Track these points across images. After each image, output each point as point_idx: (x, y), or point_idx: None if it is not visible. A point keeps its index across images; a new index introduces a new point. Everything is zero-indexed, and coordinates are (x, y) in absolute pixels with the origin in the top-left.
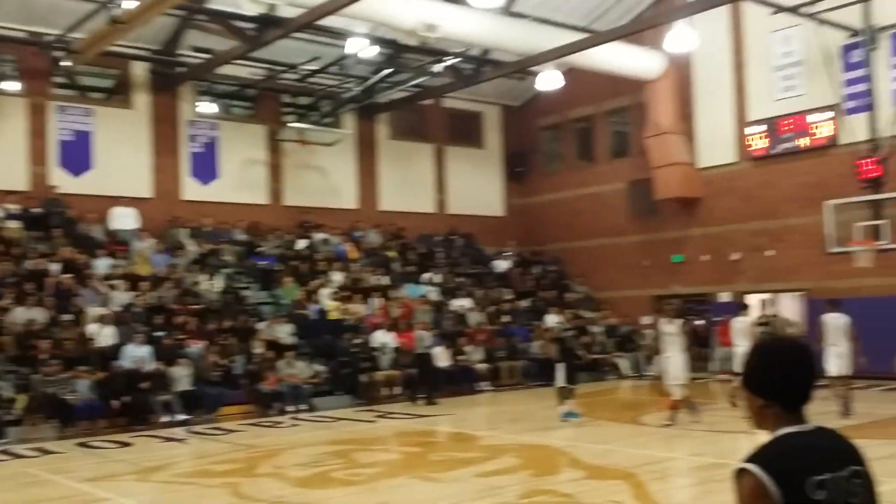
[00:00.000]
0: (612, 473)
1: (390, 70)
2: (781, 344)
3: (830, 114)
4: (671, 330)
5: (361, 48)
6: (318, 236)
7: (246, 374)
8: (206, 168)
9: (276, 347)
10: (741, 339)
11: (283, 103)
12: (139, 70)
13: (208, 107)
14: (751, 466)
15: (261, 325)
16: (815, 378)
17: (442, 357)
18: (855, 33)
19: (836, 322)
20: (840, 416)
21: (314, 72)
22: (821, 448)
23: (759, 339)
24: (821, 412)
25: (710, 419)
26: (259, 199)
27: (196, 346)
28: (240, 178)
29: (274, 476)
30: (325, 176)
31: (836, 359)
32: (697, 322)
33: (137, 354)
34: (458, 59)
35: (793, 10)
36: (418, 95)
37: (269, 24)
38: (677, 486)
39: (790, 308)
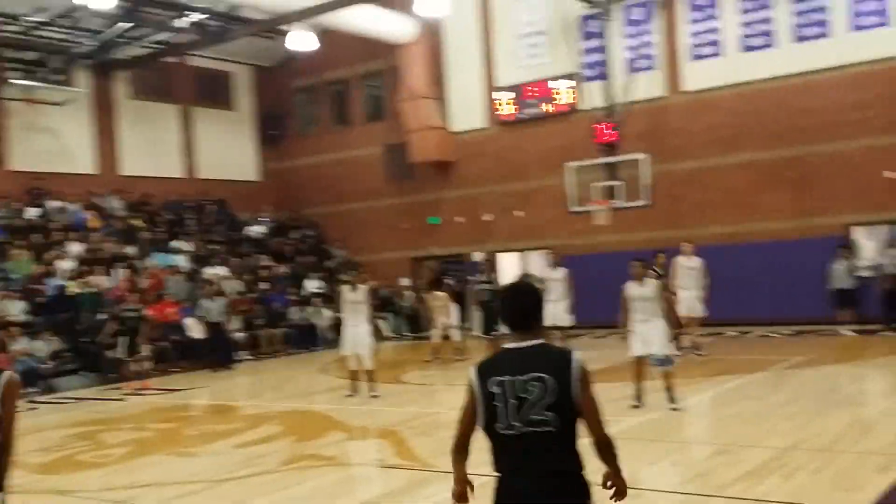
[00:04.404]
0: (375, 433)
1: (129, 24)
2: (507, 287)
3: (571, 81)
4: (356, 298)
5: None
6: (53, 204)
7: None
8: None
9: (8, 327)
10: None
11: (4, 58)
12: None
13: None
14: (470, 369)
15: None
16: (527, 312)
17: (195, 328)
18: (592, 4)
19: (555, 276)
20: None
21: (41, 24)
22: (512, 359)
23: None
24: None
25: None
26: None
27: None
28: None
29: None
30: (58, 138)
31: (552, 310)
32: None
33: None
34: (205, 15)
35: None
36: (161, 52)
37: None
38: (438, 439)
39: (538, 265)
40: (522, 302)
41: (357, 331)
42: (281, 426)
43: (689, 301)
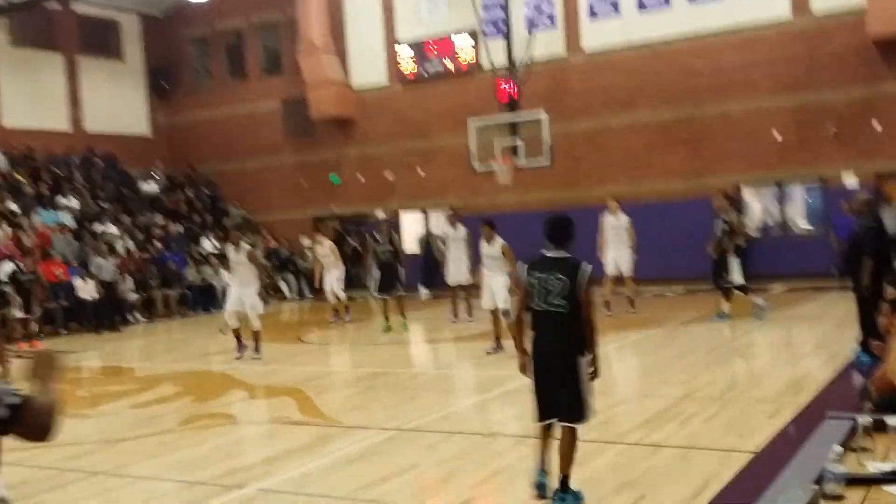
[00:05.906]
0: (278, 391)
1: None
2: (549, 217)
3: (472, 38)
4: (239, 258)
5: None
6: None
7: None
8: None
9: None
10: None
11: None
12: None
13: None
14: (521, 266)
15: None
16: (559, 229)
17: (85, 288)
18: None
19: (455, 235)
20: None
21: None
22: (543, 262)
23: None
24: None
25: (367, 333)
26: None
27: None
28: None
29: None
30: None
31: (454, 269)
32: (356, 241)
33: None
34: None
35: None
36: None
37: None
38: (342, 396)
39: (441, 224)
40: (556, 227)
41: (242, 291)
42: (178, 387)
43: (619, 259)
